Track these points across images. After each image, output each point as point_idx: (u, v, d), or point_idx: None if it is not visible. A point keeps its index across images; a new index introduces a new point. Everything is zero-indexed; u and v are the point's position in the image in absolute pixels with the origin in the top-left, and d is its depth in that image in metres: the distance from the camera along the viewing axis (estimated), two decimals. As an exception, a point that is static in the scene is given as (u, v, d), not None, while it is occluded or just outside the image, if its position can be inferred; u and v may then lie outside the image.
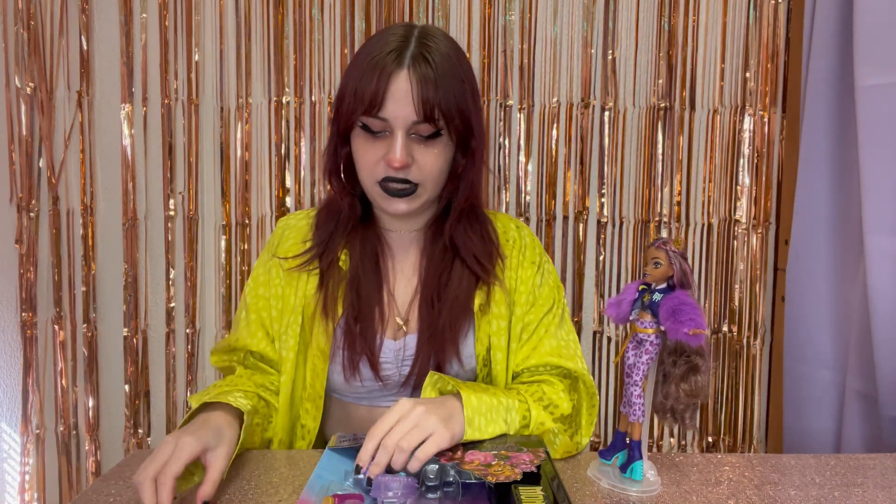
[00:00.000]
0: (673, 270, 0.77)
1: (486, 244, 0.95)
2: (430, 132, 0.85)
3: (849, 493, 0.81)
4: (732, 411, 1.67)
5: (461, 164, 0.91)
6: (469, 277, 0.93)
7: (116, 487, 0.78)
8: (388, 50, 0.83)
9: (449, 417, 0.77)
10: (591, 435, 0.95)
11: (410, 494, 0.71)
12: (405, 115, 0.83)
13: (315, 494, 0.71)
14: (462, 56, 0.89)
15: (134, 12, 1.57)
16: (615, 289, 1.65)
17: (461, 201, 0.93)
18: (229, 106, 1.60)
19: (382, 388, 0.93)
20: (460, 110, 0.86)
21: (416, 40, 0.85)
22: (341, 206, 0.93)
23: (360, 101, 0.83)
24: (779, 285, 1.63)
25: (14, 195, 1.58)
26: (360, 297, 0.91)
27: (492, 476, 0.70)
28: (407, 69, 0.82)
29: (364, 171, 0.88)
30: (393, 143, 0.84)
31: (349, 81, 0.85)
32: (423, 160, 0.86)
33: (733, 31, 1.60)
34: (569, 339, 0.98)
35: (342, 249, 0.94)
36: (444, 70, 0.84)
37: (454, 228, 0.94)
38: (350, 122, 0.86)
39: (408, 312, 0.94)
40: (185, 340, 1.64)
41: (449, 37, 0.90)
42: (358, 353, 0.90)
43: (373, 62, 0.83)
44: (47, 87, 1.57)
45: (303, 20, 1.58)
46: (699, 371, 0.76)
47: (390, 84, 0.82)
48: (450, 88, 0.84)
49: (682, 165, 1.62)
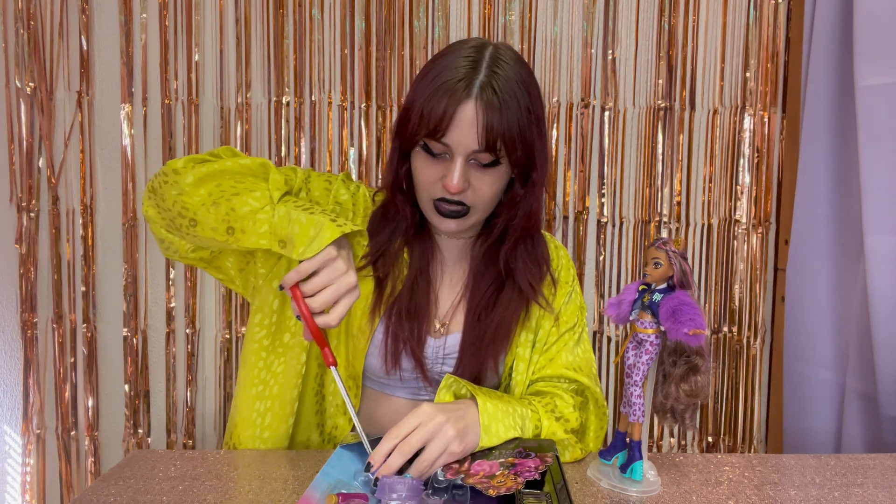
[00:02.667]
0: (673, 270, 0.77)
1: (541, 269, 0.98)
2: (489, 161, 0.86)
3: (849, 493, 0.81)
4: (732, 411, 1.67)
5: (520, 193, 0.93)
6: (519, 300, 0.96)
7: (116, 487, 0.78)
8: (458, 77, 0.84)
9: (465, 430, 0.79)
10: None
11: (415, 497, 0.71)
12: (467, 143, 0.84)
13: (320, 492, 0.71)
14: (531, 83, 0.89)
15: (134, 12, 1.57)
16: (615, 289, 1.65)
17: (518, 229, 0.95)
18: (229, 106, 1.60)
19: (418, 381, 0.96)
20: (523, 142, 0.86)
21: (487, 68, 0.85)
22: (400, 214, 0.96)
23: (425, 124, 0.84)
24: (779, 285, 1.63)
25: (14, 195, 1.58)
26: (412, 294, 0.94)
27: (493, 489, 0.70)
28: (474, 99, 0.83)
29: (421, 188, 0.90)
30: (452, 168, 0.85)
31: (416, 100, 0.86)
32: (479, 186, 0.88)
33: (733, 31, 1.60)
34: (585, 357, 1.01)
35: (404, 248, 0.97)
36: (511, 101, 0.84)
37: (509, 255, 0.96)
38: (413, 142, 0.87)
39: (447, 316, 0.98)
40: (185, 340, 1.64)
41: (520, 61, 0.89)
42: (402, 346, 0.93)
43: (442, 87, 0.84)
44: (47, 87, 1.57)
45: (303, 20, 1.58)
46: (699, 371, 0.76)
47: (457, 112, 0.83)
48: (514, 120, 0.85)
49: (682, 165, 1.62)
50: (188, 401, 1.65)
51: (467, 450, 0.79)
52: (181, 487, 0.79)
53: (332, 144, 1.61)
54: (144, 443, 1.66)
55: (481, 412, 0.81)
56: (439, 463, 0.76)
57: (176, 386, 1.65)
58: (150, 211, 0.89)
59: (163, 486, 0.79)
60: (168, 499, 0.76)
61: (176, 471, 0.83)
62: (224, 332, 1.64)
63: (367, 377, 0.99)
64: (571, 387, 0.96)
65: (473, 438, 0.80)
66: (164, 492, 0.78)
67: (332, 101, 1.60)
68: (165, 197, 0.84)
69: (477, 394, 0.84)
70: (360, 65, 1.58)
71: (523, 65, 0.89)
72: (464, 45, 0.89)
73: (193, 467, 0.85)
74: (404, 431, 0.76)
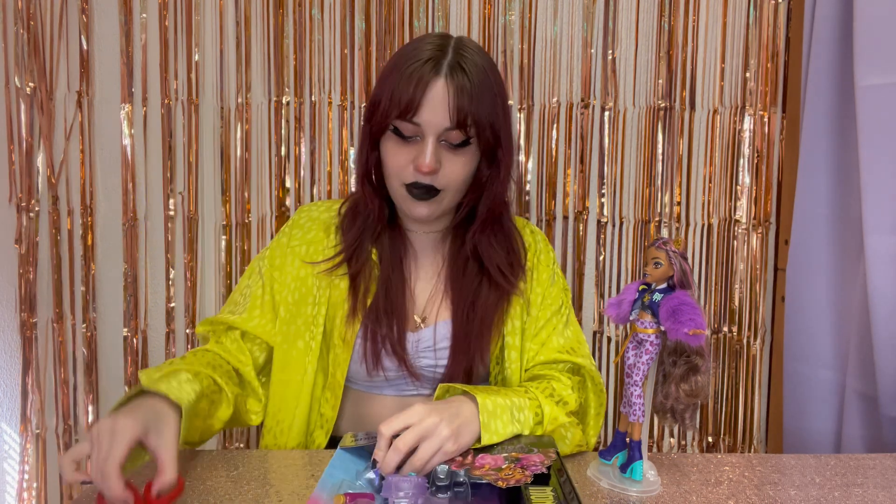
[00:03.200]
0: (673, 270, 0.77)
1: (510, 255, 0.98)
2: (460, 140, 0.88)
3: (849, 493, 0.81)
4: (732, 411, 1.67)
5: (486, 174, 0.94)
6: (496, 292, 0.96)
7: (116, 487, 0.78)
8: (425, 58, 0.86)
9: (460, 428, 0.79)
10: (599, 432, 0.98)
11: (421, 494, 0.71)
12: (439, 121, 0.85)
13: (327, 493, 0.72)
14: (495, 69, 0.92)
15: (134, 12, 1.57)
16: (615, 289, 1.65)
17: (484, 211, 0.95)
18: (229, 106, 1.60)
19: (403, 377, 0.97)
20: (491, 121, 0.88)
21: (453, 50, 0.88)
22: (369, 208, 0.96)
23: (396, 106, 0.85)
24: (779, 285, 1.63)
25: (14, 195, 1.58)
26: (386, 293, 0.95)
27: (502, 481, 0.70)
28: (444, 77, 0.85)
29: (392, 174, 0.91)
30: (423, 149, 0.87)
31: (385, 87, 0.87)
32: (450, 167, 0.89)
33: (733, 31, 1.60)
34: (576, 337, 1.02)
35: (372, 248, 0.97)
36: (479, 81, 0.87)
37: (477, 237, 0.97)
38: (383, 126, 0.88)
39: (425, 310, 0.98)
40: (185, 340, 1.64)
41: (483, 50, 0.93)
42: (380, 345, 0.94)
43: (409, 69, 0.85)
44: (47, 87, 1.57)
45: (303, 20, 1.58)
46: (699, 371, 0.76)
47: (427, 90, 0.84)
48: (483, 99, 0.87)
49: (683, 165, 1.62)
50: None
51: (462, 448, 0.78)
52: (181, 487, 0.79)
53: (332, 144, 1.61)
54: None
55: (481, 410, 0.81)
56: (434, 462, 0.75)
57: (176, 386, 1.65)
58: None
59: (163, 486, 0.79)
60: (168, 499, 0.76)
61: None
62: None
63: (352, 381, 0.99)
64: (567, 367, 0.97)
65: (468, 437, 0.79)
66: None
67: (332, 101, 1.60)
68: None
69: (476, 393, 0.84)
70: (360, 65, 1.59)
71: (486, 55, 0.92)
72: (426, 36, 0.92)
73: (194, 467, 0.85)
74: (396, 427, 0.76)
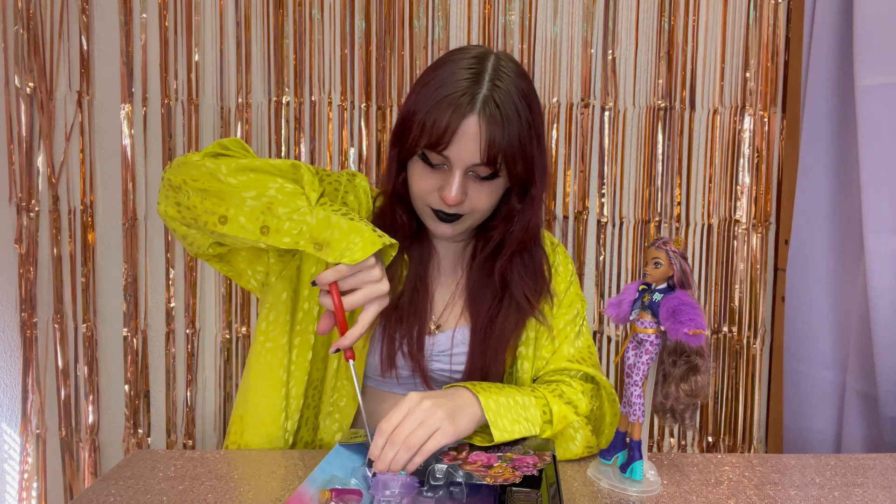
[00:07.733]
0: (673, 270, 0.77)
1: (538, 283, 0.98)
2: (487, 173, 0.86)
3: (849, 493, 0.81)
4: (732, 411, 1.67)
5: (517, 208, 0.93)
6: (516, 314, 0.96)
7: (116, 487, 0.78)
8: (461, 90, 0.83)
9: (456, 411, 0.78)
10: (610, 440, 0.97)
11: (408, 493, 0.71)
12: (468, 157, 0.84)
13: (315, 487, 0.72)
14: (532, 96, 0.88)
15: (134, 12, 1.57)
16: (615, 289, 1.65)
17: (514, 243, 0.94)
18: (229, 106, 1.60)
19: (416, 380, 0.97)
20: (524, 156, 0.86)
21: (490, 81, 0.84)
22: (397, 221, 0.95)
23: (426, 136, 0.83)
24: (779, 285, 1.63)
25: (14, 195, 1.58)
26: (411, 296, 0.96)
27: (490, 478, 0.70)
28: (477, 114, 0.83)
29: (417, 196, 0.91)
30: (450, 181, 0.85)
31: (417, 110, 0.85)
32: (476, 196, 0.88)
33: (733, 31, 1.60)
34: (586, 348, 1.02)
35: (403, 254, 0.97)
36: (513, 115, 0.84)
37: (506, 267, 0.96)
38: (412, 151, 0.87)
39: (441, 317, 0.99)
40: (185, 340, 1.64)
41: (521, 73, 0.89)
42: (397, 346, 0.94)
43: (445, 99, 0.83)
44: (47, 87, 1.57)
45: (303, 20, 1.58)
46: (699, 371, 0.76)
47: (460, 126, 0.82)
48: (515, 135, 0.84)
49: (683, 165, 1.62)
50: (188, 401, 1.65)
51: (461, 431, 0.78)
52: (181, 487, 0.79)
53: (332, 144, 1.61)
54: (144, 443, 1.66)
55: (486, 409, 0.81)
56: (432, 444, 0.75)
57: (176, 386, 1.65)
58: (169, 210, 0.85)
59: (163, 486, 0.79)
60: (168, 499, 0.76)
61: (176, 471, 0.83)
62: (224, 332, 1.64)
63: (367, 376, 0.99)
64: (578, 374, 0.97)
65: (467, 419, 0.79)
66: (164, 492, 0.78)
67: (332, 101, 1.60)
68: (191, 193, 0.81)
69: (478, 391, 0.83)
70: (360, 65, 1.59)
71: (524, 77, 0.89)
72: (465, 54, 0.88)
73: (193, 467, 0.85)
74: (394, 422, 0.76)
